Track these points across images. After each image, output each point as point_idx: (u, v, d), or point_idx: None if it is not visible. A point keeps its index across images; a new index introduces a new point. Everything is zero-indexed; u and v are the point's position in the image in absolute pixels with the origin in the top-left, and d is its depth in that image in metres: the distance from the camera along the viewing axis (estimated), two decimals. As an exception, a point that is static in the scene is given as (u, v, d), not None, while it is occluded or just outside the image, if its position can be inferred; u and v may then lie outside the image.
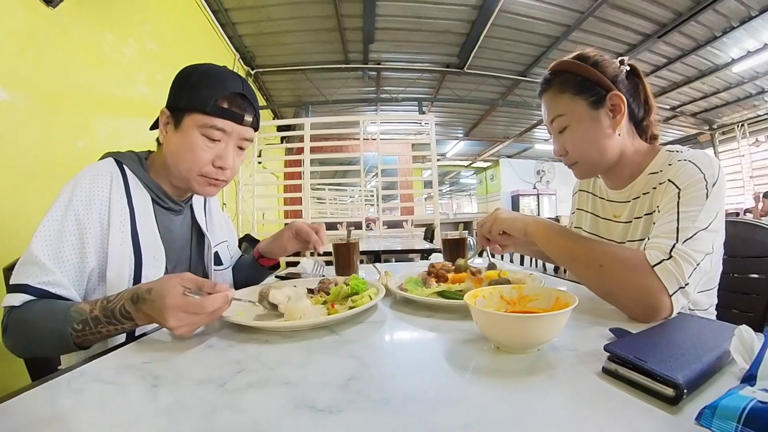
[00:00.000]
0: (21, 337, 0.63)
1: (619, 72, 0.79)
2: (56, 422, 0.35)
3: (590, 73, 0.77)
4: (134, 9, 2.32)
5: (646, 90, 0.82)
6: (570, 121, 0.79)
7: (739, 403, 0.27)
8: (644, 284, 0.58)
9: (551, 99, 0.82)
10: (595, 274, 0.63)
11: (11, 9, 1.48)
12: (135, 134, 2.17)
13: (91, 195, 0.71)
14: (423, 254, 2.38)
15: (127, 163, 0.79)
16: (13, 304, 0.62)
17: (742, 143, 8.01)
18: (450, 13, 4.32)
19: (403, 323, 0.63)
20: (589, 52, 0.80)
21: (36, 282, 0.63)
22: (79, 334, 0.58)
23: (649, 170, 0.78)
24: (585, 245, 0.67)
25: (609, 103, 0.76)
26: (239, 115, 0.77)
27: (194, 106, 0.74)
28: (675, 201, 0.66)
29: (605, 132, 0.77)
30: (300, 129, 3.54)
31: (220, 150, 0.77)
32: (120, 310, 0.58)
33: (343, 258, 1.04)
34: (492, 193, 12.10)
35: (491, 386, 0.39)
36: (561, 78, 0.80)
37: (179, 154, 0.77)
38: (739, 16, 4.31)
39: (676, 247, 0.60)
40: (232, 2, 3.79)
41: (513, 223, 0.79)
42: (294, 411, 0.34)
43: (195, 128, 0.75)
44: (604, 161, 0.80)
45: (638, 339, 0.43)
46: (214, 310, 0.57)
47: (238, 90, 0.76)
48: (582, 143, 0.79)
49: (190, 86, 0.76)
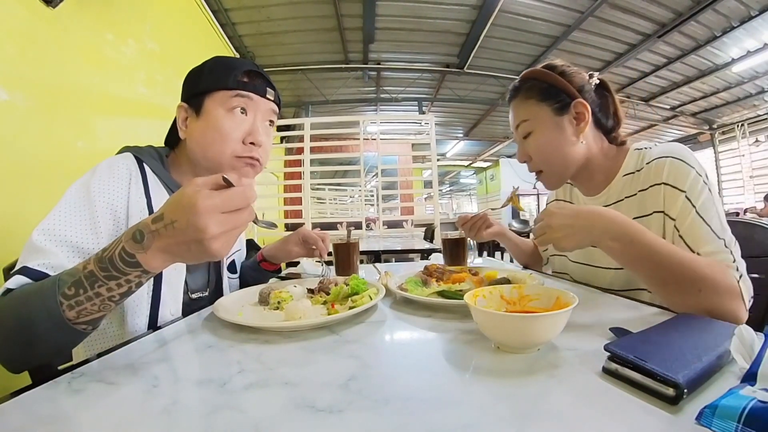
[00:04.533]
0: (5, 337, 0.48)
1: (585, 83, 0.80)
2: (56, 422, 0.35)
3: (556, 80, 0.79)
4: (134, 9, 2.32)
5: (615, 103, 0.84)
6: (534, 127, 0.81)
7: (739, 402, 0.27)
8: (738, 310, 0.58)
9: (517, 105, 0.84)
10: (693, 300, 0.57)
11: (11, 9, 1.48)
12: (135, 134, 2.17)
13: (108, 185, 0.66)
14: (423, 254, 2.38)
15: (147, 161, 0.74)
16: (8, 287, 0.53)
17: (742, 143, 8.02)
18: (450, 13, 4.32)
19: (403, 323, 0.63)
20: (557, 62, 0.83)
21: (35, 264, 0.55)
22: (71, 302, 0.45)
23: (622, 172, 0.79)
24: (677, 269, 0.58)
25: (573, 110, 0.78)
26: (261, 87, 0.74)
27: (215, 85, 0.72)
28: (689, 205, 0.66)
29: (569, 139, 0.78)
30: (300, 129, 3.54)
31: (248, 125, 0.73)
32: (120, 256, 0.44)
33: (343, 258, 1.04)
34: (492, 193, 12.10)
35: (491, 386, 0.39)
36: (528, 85, 0.82)
37: (206, 137, 0.72)
38: (739, 15, 4.32)
39: (736, 261, 0.62)
40: (232, 2, 3.80)
41: (576, 239, 0.61)
42: (294, 411, 0.34)
43: (219, 107, 0.71)
44: (568, 168, 0.81)
45: (638, 339, 0.43)
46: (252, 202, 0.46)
47: (254, 68, 0.75)
48: (545, 149, 0.81)
49: (206, 73, 0.73)
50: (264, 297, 0.73)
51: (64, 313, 0.45)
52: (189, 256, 0.44)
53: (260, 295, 0.74)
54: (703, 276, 0.57)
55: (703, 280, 0.57)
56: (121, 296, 0.47)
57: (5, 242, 1.34)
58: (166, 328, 0.63)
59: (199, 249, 0.42)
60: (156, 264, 0.44)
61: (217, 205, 0.41)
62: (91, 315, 0.47)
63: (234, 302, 0.72)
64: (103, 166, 0.69)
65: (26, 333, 0.47)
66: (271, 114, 0.78)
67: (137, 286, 0.47)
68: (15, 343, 0.48)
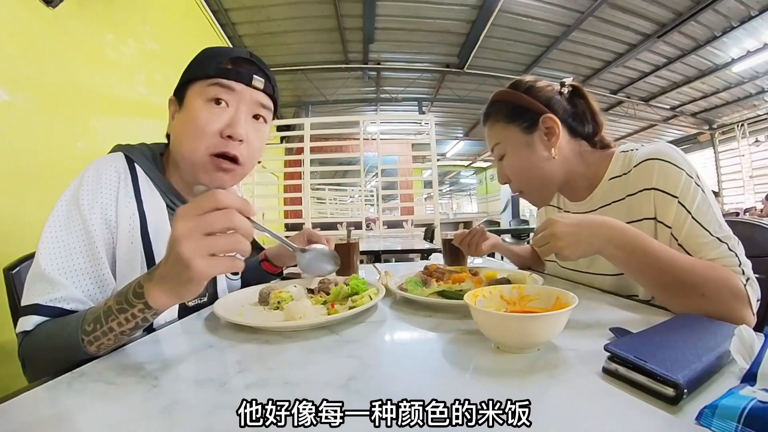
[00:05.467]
0: (40, 370, 0.51)
1: (554, 95, 0.80)
2: (56, 422, 0.35)
3: (521, 99, 0.79)
4: (134, 9, 2.32)
5: (591, 108, 0.82)
6: (506, 149, 0.82)
7: (739, 402, 0.27)
8: (744, 315, 0.57)
9: (489, 129, 0.85)
10: (695, 304, 0.56)
11: (11, 9, 1.48)
12: (135, 134, 2.17)
13: (96, 193, 0.62)
14: (423, 254, 2.38)
15: (139, 161, 0.69)
16: (25, 329, 0.54)
17: (742, 143, 8.02)
18: (450, 13, 4.33)
19: (403, 323, 0.63)
20: (524, 78, 0.83)
21: (46, 300, 0.54)
22: (90, 337, 0.47)
23: (608, 176, 0.78)
24: (678, 274, 0.58)
25: (543, 126, 0.77)
26: (246, 75, 0.66)
27: (196, 74, 0.66)
28: (684, 212, 0.64)
29: (541, 155, 0.78)
30: (300, 129, 3.54)
31: (228, 117, 0.64)
32: (134, 289, 0.45)
33: (343, 258, 1.03)
34: (492, 193, 12.10)
35: (491, 386, 0.39)
36: (495, 108, 0.83)
37: (183, 131, 0.66)
38: (739, 15, 4.32)
39: (742, 264, 0.61)
40: (232, 2, 3.80)
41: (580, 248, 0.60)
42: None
43: (198, 97, 0.64)
44: (546, 185, 0.81)
45: (638, 339, 0.43)
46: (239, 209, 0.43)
47: (245, 56, 0.67)
48: (520, 169, 0.81)
49: (196, 62, 0.68)
50: (264, 297, 0.73)
51: (86, 348, 0.48)
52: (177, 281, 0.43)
53: (260, 295, 0.74)
54: (704, 280, 0.57)
55: (704, 285, 0.57)
56: (131, 331, 0.48)
57: (5, 242, 1.34)
58: (166, 328, 0.63)
59: (185, 275, 0.41)
60: (157, 295, 0.44)
61: (192, 227, 0.40)
62: (109, 348, 0.49)
63: (234, 302, 0.72)
64: (90, 173, 0.64)
65: (55, 363, 0.48)
66: (258, 106, 0.68)
67: (143, 322, 0.47)
68: (42, 372, 0.49)
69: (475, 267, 0.94)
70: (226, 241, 0.42)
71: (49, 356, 0.51)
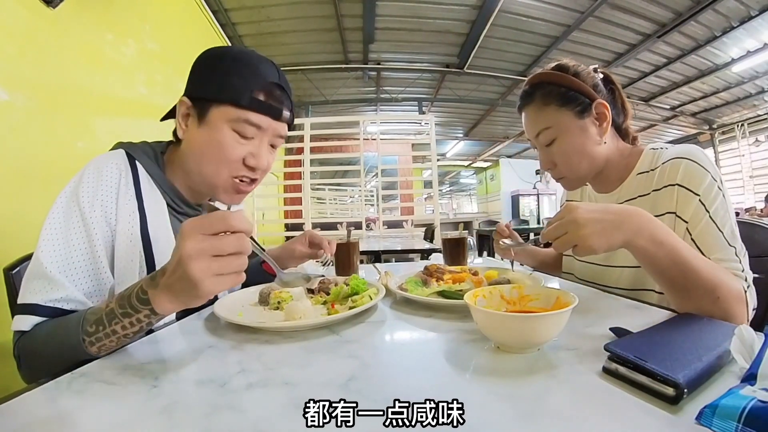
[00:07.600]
0: (37, 369, 0.53)
1: (597, 81, 0.79)
2: (56, 423, 0.35)
3: (573, 83, 0.76)
4: (134, 9, 2.32)
5: (621, 95, 0.83)
6: (558, 134, 0.78)
7: (739, 402, 0.27)
8: (745, 316, 0.59)
9: (535, 112, 0.80)
10: (709, 306, 0.55)
11: (11, 9, 1.48)
12: (135, 134, 2.16)
13: (97, 191, 0.62)
14: (423, 254, 2.38)
15: (140, 159, 0.69)
16: (22, 328, 0.54)
17: (742, 143, 8.01)
18: (450, 13, 4.32)
19: (403, 323, 0.63)
20: (567, 62, 0.81)
21: (45, 300, 0.54)
22: (92, 338, 0.48)
23: (636, 170, 0.79)
24: (697, 275, 0.56)
25: (594, 111, 0.76)
26: (277, 109, 0.67)
27: (227, 97, 0.64)
28: (702, 210, 0.66)
29: (594, 140, 0.77)
30: (300, 129, 3.54)
31: (253, 147, 0.68)
32: (137, 294, 0.46)
33: (343, 258, 1.04)
34: (492, 193, 12.10)
35: (491, 386, 0.39)
36: (544, 90, 0.78)
37: (205, 152, 0.67)
38: (738, 15, 4.32)
39: (745, 271, 0.63)
40: (232, 2, 3.80)
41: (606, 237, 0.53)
42: (294, 411, 0.34)
43: (225, 123, 0.65)
44: (593, 170, 0.80)
45: (638, 338, 0.43)
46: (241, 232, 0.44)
47: (275, 80, 0.67)
48: (572, 154, 0.78)
49: (221, 73, 0.65)
50: (264, 297, 0.73)
51: (86, 348, 0.48)
52: (184, 294, 0.44)
53: (260, 295, 0.74)
54: (720, 283, 0.56)
55: (719, 288, 0.56)
56: (134, 334, 0.49)
57: (5, 243, 1.34)
58: (166, 328, 0.63)
59: (192, 293, 0.43)
60: (163, 303, 0.45)
61: (202, 248, 0.42)
62: (110, 349, 0.50)
63: (234, 302, 0.72)
64: (91, 170, 0.64)
65: (53, 363, 0.49)
66: (277, 137, 0.71)
67: (148, 325, 0.49)
68: (41, 372, 0.50)
69: (475, 267, 0.94)
70: (236, 264, 0.44)
71: (48, 356, 0.51)
